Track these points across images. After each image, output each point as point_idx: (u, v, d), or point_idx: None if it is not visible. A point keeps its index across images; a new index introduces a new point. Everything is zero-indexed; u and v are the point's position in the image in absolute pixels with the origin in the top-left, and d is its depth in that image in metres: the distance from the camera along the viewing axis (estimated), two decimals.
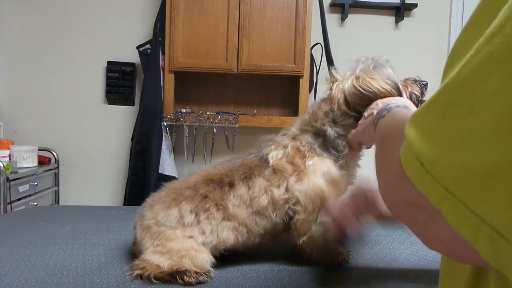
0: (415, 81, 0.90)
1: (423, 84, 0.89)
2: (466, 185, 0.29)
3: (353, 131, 0.86)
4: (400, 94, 0.83)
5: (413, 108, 0.65)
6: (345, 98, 0.86)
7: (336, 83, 0.88)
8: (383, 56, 0.89)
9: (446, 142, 0.31)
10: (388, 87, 0.81)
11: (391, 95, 0.81)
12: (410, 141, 0.34)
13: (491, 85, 0.26)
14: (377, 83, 0.82)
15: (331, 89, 0.90)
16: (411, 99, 0.86)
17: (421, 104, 0.87)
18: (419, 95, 0.88)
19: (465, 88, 0.29)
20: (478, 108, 0.27)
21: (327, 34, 2.16)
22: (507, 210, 0.26)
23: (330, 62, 2.18)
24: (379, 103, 0.77)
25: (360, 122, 0.83)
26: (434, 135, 0.32)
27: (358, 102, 0.84)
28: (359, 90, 0.83)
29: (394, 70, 0.88)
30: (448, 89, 0.31)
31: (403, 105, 0.67)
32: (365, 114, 0.81)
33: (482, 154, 0.27)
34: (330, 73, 0.92)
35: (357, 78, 0.84)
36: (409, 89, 0.89)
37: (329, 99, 0.90)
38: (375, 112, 0.75)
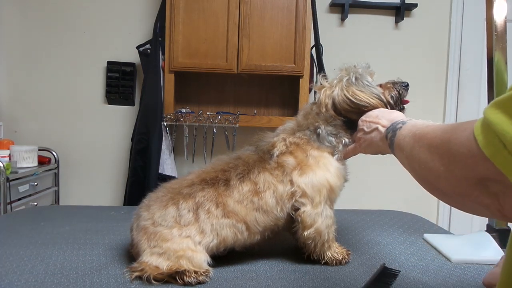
0: (394, 83, 0.96)
1: (403, 86, 0.96)
2: None
3: (350, 147, 0.93)
4: (385, 106, 0.91)
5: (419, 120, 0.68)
6: (333, 103, 0.93)
7: (324, 89, 0.96)
8: (363, 62, 0.96)
9: None
10: (375, 101, 0.91)
11: (378, 107, 0.90)
12: (493, 124, 0.37)
13: None
14: (367, 96, 0.91)
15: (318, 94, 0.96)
16: (390, 100, 0.94)
17: (402, 104, 0.96)
18: (397, 96, 0.95)
19: None
20: None
21: (319, 43, 2.17)
22: None
23: (320, 69, 2.20)
24: (381, 119, 0.81)
25: (359, 135, 0.88)
26: None
27: (348, 109, 0.92)
28: (350, 100, 0.91)
29: (375, 75, 0.97)
30: None
31: (409, 119, 0.73)
32: (365, 128, 0.85)
33: None
34: (318, 80, 0.99)
35: (346, 88, 0.92)
36: (387, 93, 0.95)
37: (318, 104, 0.96)
38: (379, 127, 0.80)
